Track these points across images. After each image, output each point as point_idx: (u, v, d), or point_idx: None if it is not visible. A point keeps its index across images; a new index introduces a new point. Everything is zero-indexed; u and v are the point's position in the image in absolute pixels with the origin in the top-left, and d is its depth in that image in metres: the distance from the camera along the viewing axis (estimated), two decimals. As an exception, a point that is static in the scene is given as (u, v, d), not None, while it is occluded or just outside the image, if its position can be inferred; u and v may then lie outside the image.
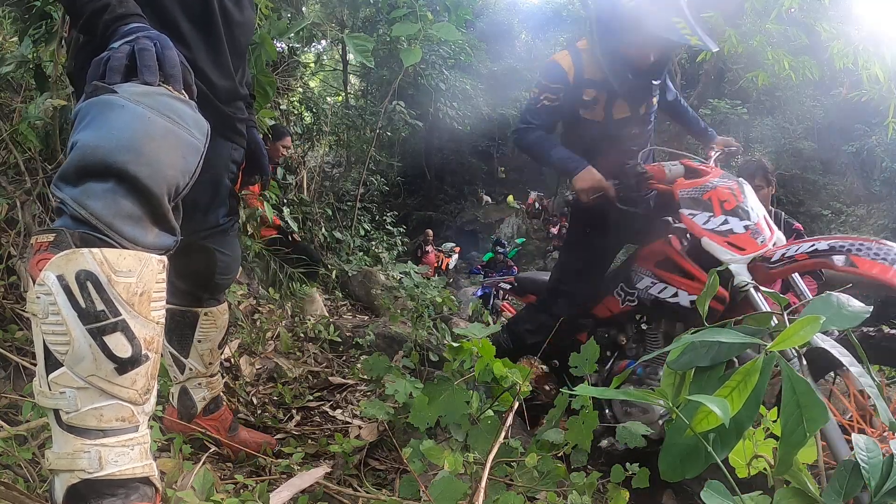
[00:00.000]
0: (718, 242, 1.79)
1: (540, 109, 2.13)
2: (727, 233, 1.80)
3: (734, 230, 1.80)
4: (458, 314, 4.74)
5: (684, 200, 1.91)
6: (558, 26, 19.07)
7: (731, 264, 1.74)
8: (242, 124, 1.48)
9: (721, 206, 1.85)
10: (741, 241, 1.77)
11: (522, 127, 2.17)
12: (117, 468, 0.87)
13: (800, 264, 1.65)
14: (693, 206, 1.89)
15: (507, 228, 16.94)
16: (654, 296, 2.01)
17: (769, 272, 1.72)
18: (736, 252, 1.76)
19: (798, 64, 4.71)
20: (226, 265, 1.50)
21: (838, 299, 0.82)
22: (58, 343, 0.84)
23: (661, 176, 2.01)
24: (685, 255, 1.95)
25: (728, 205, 1.85)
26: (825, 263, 1.60)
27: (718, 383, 0.74)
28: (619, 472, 1.37)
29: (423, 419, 1.42)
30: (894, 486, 0.71)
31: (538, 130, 2.14)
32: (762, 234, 1.80)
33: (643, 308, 2.10)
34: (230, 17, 1.33)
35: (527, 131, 2.15)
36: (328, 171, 8.72)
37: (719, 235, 1.80)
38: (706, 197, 1.88)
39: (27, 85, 2.47)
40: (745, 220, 1.81)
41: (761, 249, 1.75)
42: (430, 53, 9.02)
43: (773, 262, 1.70)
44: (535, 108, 2.14)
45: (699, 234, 1.83)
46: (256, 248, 3.79)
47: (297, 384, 2.47)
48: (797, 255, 1.65)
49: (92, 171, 0.85)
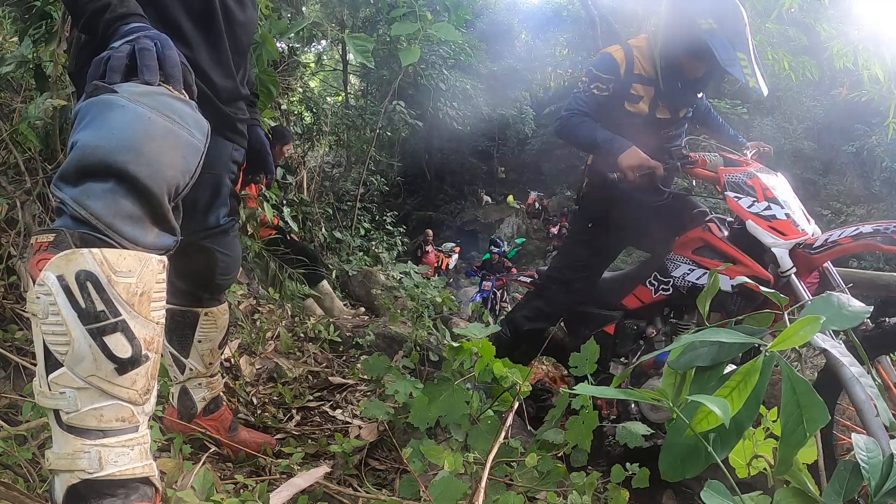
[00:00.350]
0: (762, 226, 1.81)
1: (588, 98, 2.14)
2: (770, 217, 1.82)
3: (777, 216, 1.82)
4: (458, 314, 4.74)
5: (730, 184, 1.92)
6: (558, 26, 19.09)
7: (774, 248, 1.77)
8: (243, 124, 1.48)
9: (763, 192, 1.87)
10: (783, 227, 1.80)
11: (566, 114, 2.17)
12: (117, 468, 0.87)
13: (844, 247, 1.68)
14: (738, 190, 1.90)
15: (507, 228, 16.93)
16: (693, 282, 2.01)
17: (811, 258, 1.75)
18: (779, 237, 1.78)
19: (798, 64, 4.72)
20: (226, 265, 1.50)
21: (838, 299, 0.82)
22: (58, 343, 0.84)
23: (703, 163, 2.04)
24: (726, 241, 1.96)
25: (769, 193, 1.87)
26: (870, 245, 1.64)
27: (718, 383, 0.74)
28: (619, 472, 1.37)
29: (423, 419, 1.42)
30: (894, 486, 0.71)
31: (584, 117, 2.14)
32: (802, 224, 1.83)
33: (678, 297, 2.09)
34: (232, 16, 1.33)
35: (572, 117, 2.15)
36: (328, 171, 8.72)
37: (763, 220, 1.82)
38: (750, 183, 1.90)
39: (27, 85, 2.47)
40: (785, 209, 1.84)
41: (802, 236, 1.78)
42: (430, 53, 9.02)
43: (815, 248, 1.73)
44: (583, 97, 2.15)
45: (744, 216, 1.85)
46: (256, 248, 3.79)
47: (297, 384, 2.47)
48: (840, 239, 1.68)
49: (92, 171, 0.85)
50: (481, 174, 19.58)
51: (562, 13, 18.92)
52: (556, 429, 1.47)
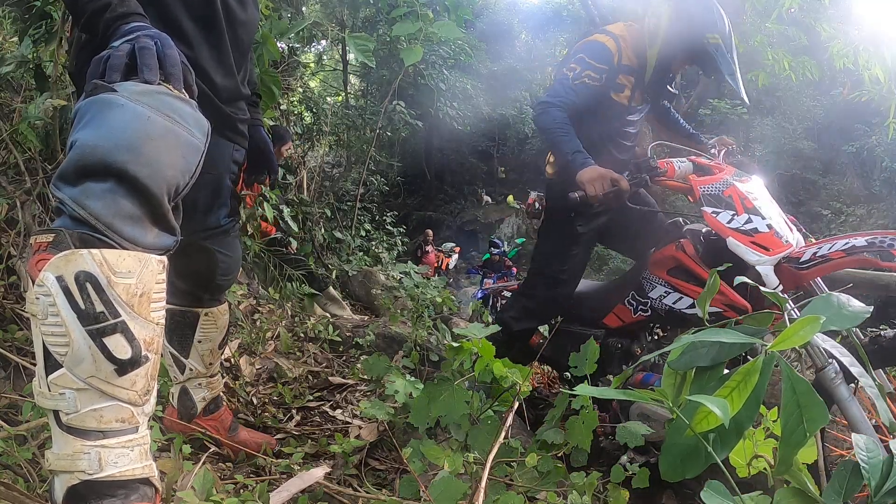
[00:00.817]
0: (744, 243, 1.67)
1: (578, 86, 2.00)
2: (752, 232, 1.69)
3: (759, 229, 1.69)
4: (458, 314, 4.73)
5: (706, 198, 1.79)
6: (558, 26, 19.08)
7: (758, 266, 1.63)
8: (244, 125, 1.48)
9: (742, 203, 1.74)
10: (766, 241, 1.66)
11: (549, 100, 2.02)
12: (117, 469, 0.86)
13: (835, 263, 1.54)
14: (716, 204, 1.77)
15: (507, 228, 16.93)
16: (669, 306, 1.90)
17: (799, 273, 1.61)
18: (763, 253, 1.64)
19: (798, 64, 4.71)
20: (227, 266, 1.50)
21: (838, 299, 0.82)
22: (57, 344, 0.83)
23: (671, 172, 1.91)
24: (701, 263, 1.84)
25: (748, 202, 1.74)
26: (865, 260, 1.51)
27: (718, 383, 0.74)
28: (619, 472, 1.37)
29: (423, 419, 1.42)
30: (894, 486, 0.71)
31: (564, 112, 1.99)
32: (784, 234, 1.70)
33: (658, 318, 2.00)
34: (233, 16, 1.32)
35: (552, 107, 2.00)
36: (328, 171, 8.72)
37: (745, 235, 1.68)
38: (727, 193, 1.77)
39: (27, 85, 2.47)
40: (766, 219, 1.71)
41: (787, 249, 1.64)
42: (431, 53, 9.02)
43: (802, 262, 1.60)
44: (571, 85, 2.01)
45: (724, 233, 1.71)
46: (256, 248, 3.79)
47: (297, 384, 2.47)
48: (831, 253, 1.53)
49: (91, 170, 0.85)
50: (481, 174, 19.58)
51: (562, 13, 18.91)
52: (556, 429, 1.47)
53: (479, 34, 14.40)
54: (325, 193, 7.24)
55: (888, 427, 0.82)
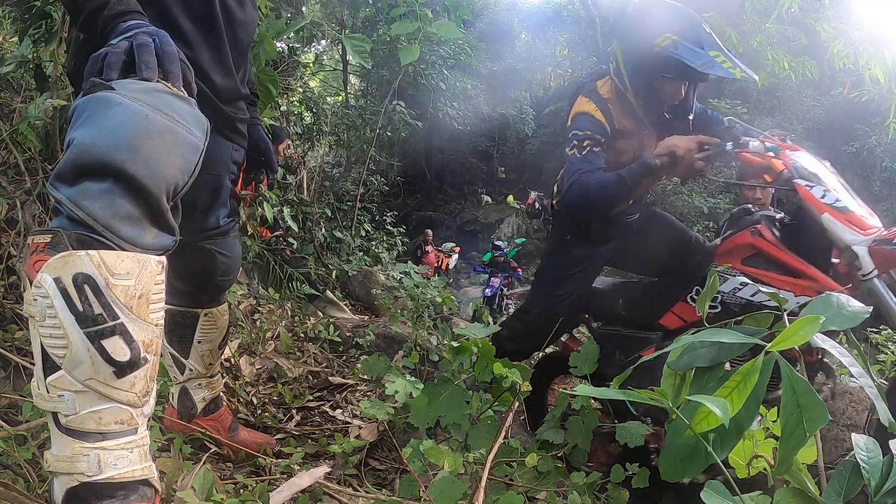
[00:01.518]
0: (840, 221, 1.54)
1: (590, 156, 1.84)
2: (844, 210, 1.56)
3: (849, 208, 1.57)
4: (458, 314, 4.73)
5: (798, 170, 1.64)
6: (558, 26, 19.09)
7: (855, 246, 1.51)
8: (243, 124, 1.47)
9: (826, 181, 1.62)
10: (857, 221, 1.54)
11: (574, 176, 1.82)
12: (116, 471, 0.86)
13: None
14: (809, 178, 1.63)
15: (507, 228, 16.92)
16: (747, 299, 1.71)
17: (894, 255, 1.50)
18: (858, 233, 1.53)
19: (798, 64, 4.71)
20: (226, 267, 1.50)
21: (838, 299, 0.81)
22: (55, 346, 0.83)
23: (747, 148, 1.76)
24: (784, 248, 1.71)
25: (832, 181, 1.62)
26: None
27: (718, 383, 0.74)
28: (619, 472, 1.37)
29: (423, 419, 1.42)
30: (894, 486, 0.71)
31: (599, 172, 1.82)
32: (867, 216, 1.59)
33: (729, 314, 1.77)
34: (232, 16, 1.32)
35: (590, 174, 1.80)
36: (328, 171, 8.71)
37: (839, 212, 1.55)
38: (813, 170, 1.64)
39: (27, 85, 2.46)
40: (855, 199, 1.60)
41: (877, 230, 1.54)
42: (430, 53, 9.03)
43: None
44: (583, 159, 1.84)
45: (820, 209, 1.57)
46: (256, 248, 3.79)
47: (297, 384, 2.47)
48: None
49: (88, 170, 0.84)
50: (481, 174, 19.58)
51: (562, 13, 18.91)
52: (556, 429, 1.47)
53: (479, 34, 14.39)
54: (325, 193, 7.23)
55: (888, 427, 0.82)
